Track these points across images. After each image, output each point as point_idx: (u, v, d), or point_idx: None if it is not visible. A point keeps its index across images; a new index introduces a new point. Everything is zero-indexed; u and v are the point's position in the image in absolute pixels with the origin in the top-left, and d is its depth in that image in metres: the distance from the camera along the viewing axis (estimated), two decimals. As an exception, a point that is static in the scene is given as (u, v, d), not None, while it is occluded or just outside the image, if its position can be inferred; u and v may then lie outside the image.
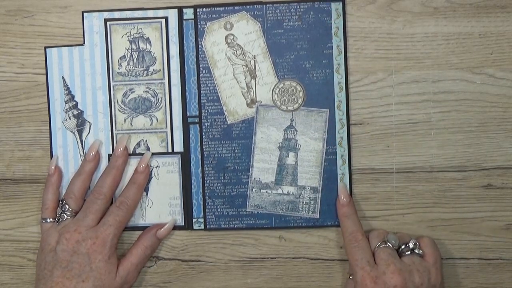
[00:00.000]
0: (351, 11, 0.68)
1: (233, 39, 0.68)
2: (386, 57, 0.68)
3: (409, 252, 0.64)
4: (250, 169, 0.69)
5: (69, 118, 0.69)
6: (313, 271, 0.70)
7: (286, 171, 0.69)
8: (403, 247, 0.65)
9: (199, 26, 0.68)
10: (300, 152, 0.69)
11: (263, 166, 0.69)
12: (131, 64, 0.69)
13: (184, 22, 0.69)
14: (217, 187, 0.69)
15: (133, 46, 0.69)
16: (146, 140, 0.69)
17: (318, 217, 0.69)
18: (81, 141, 0.69)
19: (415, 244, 0.65)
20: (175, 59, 0.69)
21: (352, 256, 0.64)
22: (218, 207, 0.69)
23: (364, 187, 0.68)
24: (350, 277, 0.66)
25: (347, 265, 0.69)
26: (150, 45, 0.69)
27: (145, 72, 0.69)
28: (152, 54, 0.69)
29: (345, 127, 0.68)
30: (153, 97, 0.69)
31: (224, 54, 0.68)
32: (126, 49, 0.69)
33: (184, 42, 0.69)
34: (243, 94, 0.69)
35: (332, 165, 0.69)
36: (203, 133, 0.69)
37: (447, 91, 0.68)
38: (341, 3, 0.68)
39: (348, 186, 0.68)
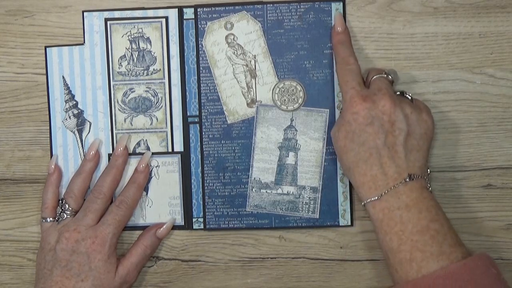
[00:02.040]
0: (351, 11, 0.68)
1: (234, 38, 0.68)
2: (386, 57, 0.68)
3: (399, 93, 0.64)
4: (250, 169, 0.69)
5: (69, 117, 0.69)
6: (313, 271, 0.70)
7: (286, 171, 0.69)
8: (398, 92, 0.64)
9: (200, 26, 0.69)
10: (300, 152, 0.69)
11: (263, 166, 0.69)
12: (131, 63, 0.69)
13: (184, 21, 0.69)
14: (217, 187, 0.69)
15: (133, 46, 0.69)
16: (146, 140, 0.69)
17: (318, 217, 0.69)
18: (81, 140, 0.69)
19: (409, 94, 0.64)
20: (175, 59, 0.69)
21: (342, 78, 0.63)
22: (218, 207, 0.69)
23: (364, 187, 0.68)
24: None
25: (347, 265, 0.69)
26: (150, 45, 0.69)
27: (145, 71, 0.69)
28: (152, 53, 0.69)
29: (345, 127, 0.68)
30: (153, 97, 0.69)
31: (224, 53, 0.68)
32: (126, 48, 0.69)
33: (184, 41, 0.69)
34: (243, 94, 0.69)
35: (332, 165, 0.69)
36: (203, 133, 0.69)
37: (447, 91, 0.68)
38: (341, 3, 0.68)
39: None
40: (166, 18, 0.68)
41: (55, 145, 0.70)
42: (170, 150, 0.69)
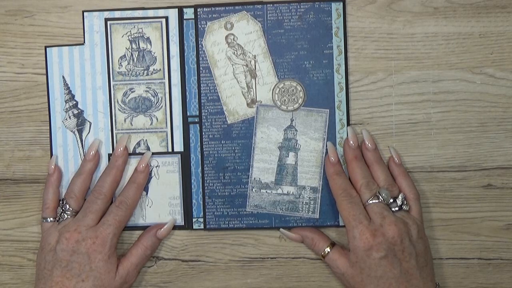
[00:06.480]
0: (351, 11, 0.68)
1: (234, 39, 0.68)
2: (386, 57, 0.68)
3: (397, 209, 0.65)
4: (250, 169, 0.69)
5: (69, 117, 0.69)
6: (313, 271, 0.70)
7: (286, 171, 0.69)
8: (391, 201, 0.65)
9: (200, 26, 0.68)
10: (300, 152, 0.69)
11: (263, 166, 0.69)
12: (131, 63, 0.69)
13: (184, 21, 0.69)
14: (217, 187, 0.69)
15: (134, 46, 0.69)
16: (146, 140, 0.69)
17: (318, 217, 0.69)
18: (81, 140, 0.69)
19: (402, 201, 0.65)
20: (175, 59, 0.69)
21: (348, 212, 0.64)
22: (218, 207, 0.69)
23: (364, 187, 0.68)
24: (328, 249, 0.66)
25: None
26: (151, 45, 0.69)
27: (145, 71, 0.69)
28: (153, 53, 0.69)
29: (345, 127, 0.68)
30: (153, 97, 0.69)
31: (224, 54, 0.68)
32: (126, 48, 0.69)
33: (185, 41, 0.69)
34: (243, 94, 0.69)
35: (332, 165, 0.69)
36: (203, 133, 0.69)
37: (447, 91, 0.68)
38: (341, 3, 0.68)
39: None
40: (166, 18, 0.68)
41: (55, 145, 0.70)
42: (170, 150, 0.69)
